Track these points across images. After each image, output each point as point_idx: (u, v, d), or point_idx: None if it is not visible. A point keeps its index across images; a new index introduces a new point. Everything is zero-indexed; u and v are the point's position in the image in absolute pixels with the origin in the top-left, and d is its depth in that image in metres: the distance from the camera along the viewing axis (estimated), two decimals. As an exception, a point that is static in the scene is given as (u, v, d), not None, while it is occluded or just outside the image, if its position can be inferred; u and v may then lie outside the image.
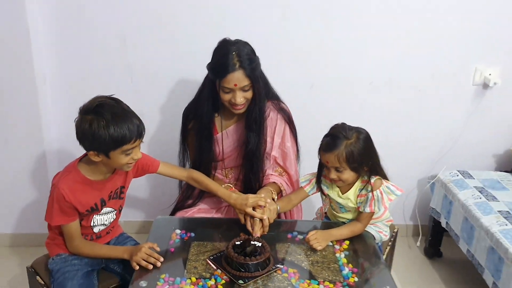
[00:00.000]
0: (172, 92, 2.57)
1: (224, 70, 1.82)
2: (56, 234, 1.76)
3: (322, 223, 1.93)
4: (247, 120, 1.98)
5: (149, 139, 2.69)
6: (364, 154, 1.74)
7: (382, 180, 1.81)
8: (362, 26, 2.47)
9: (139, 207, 2.87)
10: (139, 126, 1.59)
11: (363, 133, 1.77)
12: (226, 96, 1.88)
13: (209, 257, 1.64)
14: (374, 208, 1.79)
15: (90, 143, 1.56)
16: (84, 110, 1.57)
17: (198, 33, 2.43)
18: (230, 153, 2.08)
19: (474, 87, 2.62)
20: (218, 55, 1.88)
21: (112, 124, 1.52)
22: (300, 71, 2.54)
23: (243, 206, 1.80)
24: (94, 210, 1.71)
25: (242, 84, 1.85)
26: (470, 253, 2.23)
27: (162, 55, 2.48)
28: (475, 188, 2.42)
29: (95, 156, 1.59)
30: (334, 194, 1.88)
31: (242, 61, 1.83)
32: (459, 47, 2.53)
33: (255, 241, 1.66)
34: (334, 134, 1.76)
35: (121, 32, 2.42)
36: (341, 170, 1.75)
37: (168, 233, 1.79)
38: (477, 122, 2.67)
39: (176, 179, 1.95)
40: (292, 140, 2.12)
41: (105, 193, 1.72)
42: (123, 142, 1.55)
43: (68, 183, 1.63)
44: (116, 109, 1.56)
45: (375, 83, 2.59)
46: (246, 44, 1.91)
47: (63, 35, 2.42)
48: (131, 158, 1.61)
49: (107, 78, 2.50)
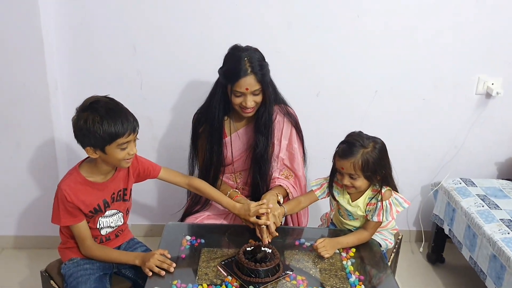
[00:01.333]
0: (180, 99, 2.62)
1: (236, 75, 1.89)
2: (68, 238, 1.81)
3: (329, 231, 1.98)
4: (256, 123, 2.04)
5: (157, 144, 2.74)
6: (378, 164, 1.79)
7: (392, 192, 1.86)
8: (368, 36, 2.51)
9: (147, 211, 2.92)
10: (133, 122, 1.66)
11: (379, 143, 1.82)
12: (237, 99, 1.94)
13: (221, 262, 1.69)
14: (382, 218, 1.83)
15: (86, 139, 1.63)
16: (80, 108, 1.64)
17: (206, 42, 2.49)
18: (239, 156, 2.13)
19: (477, 96, 2.66)
20: (230, 60, 1.95)
21: (106, 118, 1.59)
22: (307, 79, 2.59)
23: (246, 216, 1.86)
24: (98, 211, 1.76)
25: (253, 89, 1.91)
26: (473, 260, 2.27)
27: (171, 63, 2.53)
28: (478, 196, 2.46)
29: (93, 153, 1.65)
30: (344, 201, 1.91)
31: (253, 67, 1.90)
32: (462, 57, 2.58)
33: (265, 247, 1.70)
34: (351, 142, 1.80)
35: (131, 40, 2.48)
36: (355, 178, 1.80)
37: (178, 239, 1.84)
38: (480, 130, 2.72)
39: (177, 185, 1.99)
40: (299, 142, 2.17)
41: (107, 194, 1.77)
42: (117, 136, 1.61)
43: (69, 184, 1.70)
44: (110, 105, 1.64)
45: (379, 92, 2.63)
46: (256, 50, 1.98)
47: (75, 43, 2.47)
48: (127, 153, 1.67)
49: (117, 85, 2.55)
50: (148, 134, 2.70)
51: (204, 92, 2.22)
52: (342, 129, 2.65)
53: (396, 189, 1.89)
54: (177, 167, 2.36)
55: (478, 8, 2.47)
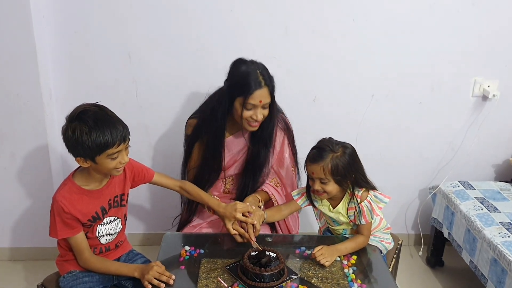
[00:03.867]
0: (176, 107, 2.60)
1: (250, 87, 1.87)
2: (66, 251, 1.78)
3: (327, 238, 1.97)
4: (261, 135, 2.03)
5: (153, 152, 2.72)
6: (348, 168, 1.79)
7: (369, 191, 1.86)
8: (364, 40, 2.51)
9: (142, 219, 2.90)
10: (123, 131, 1.62)
11: (349, 148, 1.82)
12: (247, 112, 1.91)
13: (225, 267, 1.69)
14: (368, 218, 1.84)
15: (76, 150, 1.61)
16: (69, 118, 1.62)
17: (202, 49, 2.47)
18: (231, 161, 2.12)
19: (473, 99, 2.66)
20: (241, 73, 1.91)
21: (95, 129, 1.56)
22: (303, 84, 2.58)
23: (233, 213, 1.86)
24: (96, 219, 1.74)
25: (265, 101, 1.91)
26: (473, 264, 2.27)
27: (166, 71, 2.52)
28: (476, 199, 2.46)
29: (83, 162, 1.63)
30: (325, 208, 1.92)
31: (266, 79, 1.89)
32: (458, 60, 2.58)
33: (270, 251, 1.70)
34: (321, 147, 1.81)
35: (126, 48, 2.46)
36: (326, 182, 1.80)
37: (177, 250, 1.81)
38: (477, 133, 2.71)
39: (169, 189, 1.98)
40: (290, 153, 2.17)
41: (104, 201, 1.75)
42: (106, 147, 1.59)
43: (64, 195, 1.67)
44: (99, 115, 1.60)
45: (376, 96, 2.63)
46: (262, 63, 1.96)
47: (70, 52, 2.45)
48: (118, 163, 1.65)
49: (112, 93, 2.53)
50: (144, 142, 2.68)
51: (199, 99, 2.21)
52: (339, 133, 2.67)
53: (374, 188, 1.88)
54: (173, 174, 2.35)
55: (474, 11, 2.47)
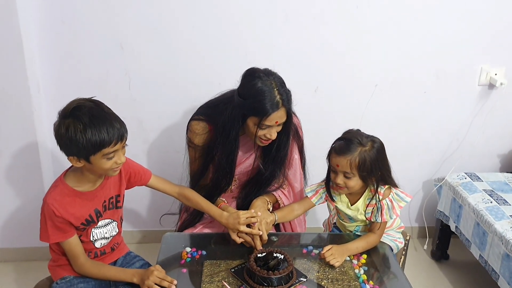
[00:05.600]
0: (172, 99, 2.48)
1: (267, 110, 1.71)
2: (59, 255, 1.67)
3: (336, 236, 1.88)
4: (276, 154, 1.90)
5: (148, 147, 2.61)
6: (375, 164, 1.70)
7: (391, 188, 1.77)
8: (366, 27, 2.41)
9: (139, 217, 2.79)
10: (120, 129, 1.51)
11: (377, 142, 1.73)
12: (261, 132, 1.78)
13: (230, 270, 1.60)
14: (386, 217, 1.75)
15: (69, 149, 1.49)
16: (62, 114, 1.49)
17: (199, 37, 2.35)
18: (238, 161, 1.98)
19: (479, 87, 2.58)
20: (255, 91, 1.72)
21: (90, 127, 1.45)
22: (305, 74, 2.47)
23: (236, 225, 1.74)
24: (90, 222, 1.63)
25: (281, 121, 1.78)
26: (483, 259, 2.19)
27: (160, 61, 2.39)
28: (484, 191, 2.38)
29: (77, 162, 1.52)
30: (343, 205, 1.83)
31: (283, 100, 1.74)
32: (465, 47, 2.49)
33: (277, 253, 1.61)
34: (349, 138, 1.71)
35: (118, 38, 2.33)
36: (350, 177, 1.71)
37: (178, 251, 1.72)
38: (483, 122, 2.64)
39: (167, 194, 1.86)
40: (298, 154, 2.06)
41: (98, 203, 1.64)
42: (102, 146, 1.47)
43: (56, 197, 1.56)
44: (95, 112, 1.48)
45: (380, 85, 2.54)
46: (277, 74, 1.79)
47: (58, 42, 2.32)
48: (114, 163, 1.54)
49: (103, 86, 2.41)
50: (139, 137, 2.56)
51: (197, 91, 2.10)
52: (342, 125, 2.57)
53: (397, 186, 1.80)
54: (170, 172, 2.27)
55: (481, -4, 2.38)
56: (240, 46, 2.39)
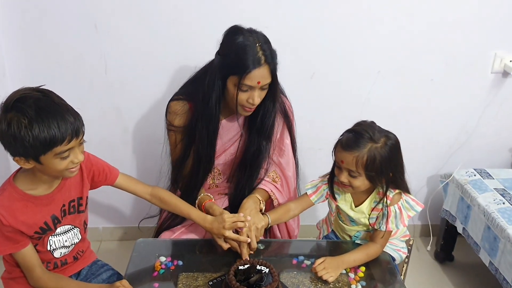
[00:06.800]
0: (153, 85, 2.26)
1: (247, 66, 1.55)
2: (13, 266, 1.46)
3: (332, 244, 1.68)
4: (261, 125, 1.72)
5: (128, 136, 2.40)
6: (386, 164, 1.49)
7: (402, 194, 1.56)
8: (368, 8, 2.18)
9: (119, 213, 2.60)
10: (74, 123, 1.28)
11: (392, 139, 1.51)
12: (243, 95, 1.60)
13: (208, 282, 1.41)
14: (392, 226, 1.55)
15: (13, 148, 1.27)
16: (4, 107, 1.26)
17: (183, 17, 2.13)
18: (221, 149, 1.83)
19: (492, 75, 2.37)
20: (236, 46, 1.57)
21: (37, 122, 1.22)
22: (300, 59, 2.25)
23: (220, 230, 1.55)
24: (46, 230, 1.42)
25: (264, 82, 1.60)
26: (493, 266, 1.99)
27: (140, 43, 2.17)
28: (496, 190, 2.17)
29: (25, 163, 1.29)
30: (347, 205, 1.63)
31: (266, 56, 1.57)
32: (477, 31, 2.27)
33: (262, 265, 1.41)
34: (359, 132, 1.49)
35: (91, 17, 2.10)
36: (355, 176, 1.50)
37: (151, 261, 1.51)
38: (495, 114, 2.44)
39: (137, 196, 1.64)
40: (290, 139, 1.87)
41: (55, 208, 1.43)
42: (53, 144, 1.25)
43: (3, 204, 1.34)
44: (42, 103, 1.25)
45: (383, 72, 2.32)
46: (261, 33, 1.63)
47: (24, 22, 2.09)
48: (70, 162, 1.31)
49: (76, 70, 2.19)
50: (117, 126, 2.35)
51: (180, 76, 1.89)
52: (340, 115, 2.37)
53: (409, 191, 1.58)
54: (152, 163, 2.10)
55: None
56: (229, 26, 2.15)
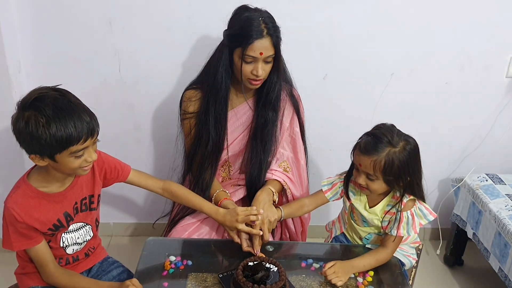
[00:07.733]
0: (166, 82, 2.26)
1: (250, 36, 1.63)
2: (26, 262, 1.49)
3: (342, 248, 1.68)
4: (266, 96, 1.78)
5: (140, 133, 2.41)
6: (405, 168, 1.48)
7: (416, 201, 1.55)
8: (382, 9, 2.16)
9: (131, 208, 2.61)
10: (90, 123, 1.30)
11: (411, 143, 1.50)
12: (247, 67, 1.67)
13: (219, 274, 1.44)
14: (403, 232, 1.54)
15: (30, 145, 1.29)
16: (21, 105, 1.28)
17: (196, 14, 2.12)
18: (235, 137, 1.85)
19: (508, 79, 2.34)
20: (240, 20, 1.67)
21: (54, 121, 1.25)
22: (312, 59, 2.24)
23: (233, 223, 1.59)
24: (59, 227, 1.44)
25: (267, 54, 1.66)
26: (503, 272, 1.98)
27: (153, 41, 2.17)
28: (508, 196, 2.15)
29: (40, 160, 1.32)
30: (361, 205, 1.63)
31: (269, 28, 1.65)
32: (492, 35, 2.24)
33: (271, 263, 1.42)
34: (377, 136, 1.49)
35: (106, 13, 2.10)
36: (373, 179, 1.50)
37: (160, 260, 1.52)
38: (509, 118, 2.40)
39: (150, 190, 1.67)
40: (299, 129, 1.90)
41: (67, 205, 1.45)
42: (69, 143, 1.28)
43: (17, 201, 1.36)
44: (60, 103, 1.27)
45: (396, 74, 2.30)
46: (268, 12, 1.71)
47: (40, 17, 2.10)
48: (84, 161, 1.34)
49: (90, 67, 2.20)
50: (129, 123, 2.36)
51: (192, 73, 1.90)
52: (352, 116, 2.36)
53: (423, 199, 1.57)
54: (164, 160, 2.12)
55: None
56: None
